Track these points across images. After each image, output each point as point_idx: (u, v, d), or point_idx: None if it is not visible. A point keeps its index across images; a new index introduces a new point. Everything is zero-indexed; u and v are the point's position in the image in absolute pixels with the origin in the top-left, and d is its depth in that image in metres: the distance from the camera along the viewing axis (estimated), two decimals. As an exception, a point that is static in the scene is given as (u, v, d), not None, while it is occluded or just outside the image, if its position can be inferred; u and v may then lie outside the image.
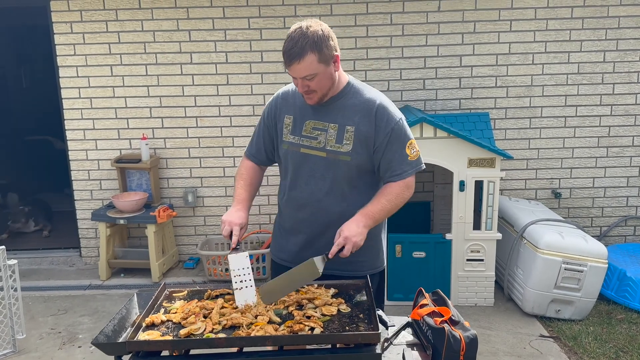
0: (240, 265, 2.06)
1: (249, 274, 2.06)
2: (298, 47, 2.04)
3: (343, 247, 2.07)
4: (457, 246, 3.99)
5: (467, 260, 4.01)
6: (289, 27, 2.11)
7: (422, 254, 4.03)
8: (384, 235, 2.43)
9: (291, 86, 2.34)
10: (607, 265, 3.77)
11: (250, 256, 2.04)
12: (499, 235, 3.98)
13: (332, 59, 2.11)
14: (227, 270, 4.56)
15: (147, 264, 4.65)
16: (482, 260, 4.00)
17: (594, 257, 3.74)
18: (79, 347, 3.63)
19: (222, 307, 2.06)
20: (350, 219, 2.13)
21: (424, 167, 2.27)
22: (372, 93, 2.24)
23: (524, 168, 4.86)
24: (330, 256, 2.06)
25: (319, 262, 2.04)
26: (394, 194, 2.19)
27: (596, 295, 3.82)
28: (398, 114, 2.21)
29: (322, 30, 2.08)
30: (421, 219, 4.81)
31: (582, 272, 3.73)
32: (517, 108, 4.77)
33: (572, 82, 4.71)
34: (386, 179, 2.23)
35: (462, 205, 3.94)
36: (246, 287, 2.05)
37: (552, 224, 4.04)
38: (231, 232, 2.16)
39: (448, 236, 4.00)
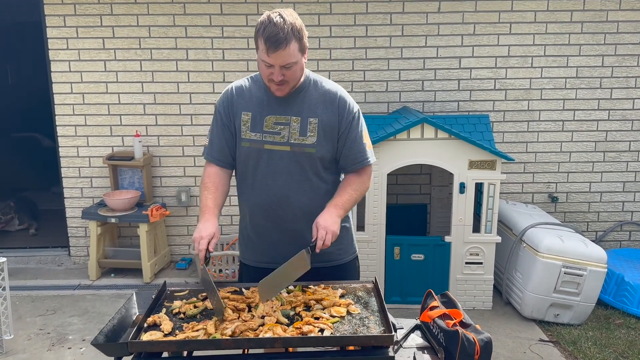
0: (205, 284, 2.00)
1: (211, 283, 1.97)
2: (284, 34, 1.98)
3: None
4: (456, 249, 3.95)
5: (466, 263, 3.97)
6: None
7: (421, 257, 3.98)
8: (350, 223, 2.42)
9: (243, 81, 2.31)
10: (606, 270, 3.75)
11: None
12: (499, 239, 3.95)
13: (306, 49, 2.10)
14: (220, 271, 4.49)
15: (138, 264, 4.54)
16: (481, 263, 3.96)
17: (594, 262, 3.72)
18: (69, 348, 3.52)
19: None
20: (322, 211, 2.12)
21: (375, 159, 2.31)
22: (331, 84, 2.25)
23: (521, 171, 4.83)
24: (317, 250, 2.04)
25: (306, 256, 2.03)
26: (358, 183, 2.22)
27: (595, 300, 3.80)
28: (356, 105, 2.26)
29: (298, 19, 2.07)
30: (417, 221, 4.76)
31: (581, 276, 3.70)
32: (516, 111, 4.75)
33: (571, 86, 4.71)
34: (348, 168, 2.25)
35: (461, 207, 3.89)
36: (213, 295, 1.97)
37: (551, 228, 4.02)
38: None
39: (447, 239, 3.95)
